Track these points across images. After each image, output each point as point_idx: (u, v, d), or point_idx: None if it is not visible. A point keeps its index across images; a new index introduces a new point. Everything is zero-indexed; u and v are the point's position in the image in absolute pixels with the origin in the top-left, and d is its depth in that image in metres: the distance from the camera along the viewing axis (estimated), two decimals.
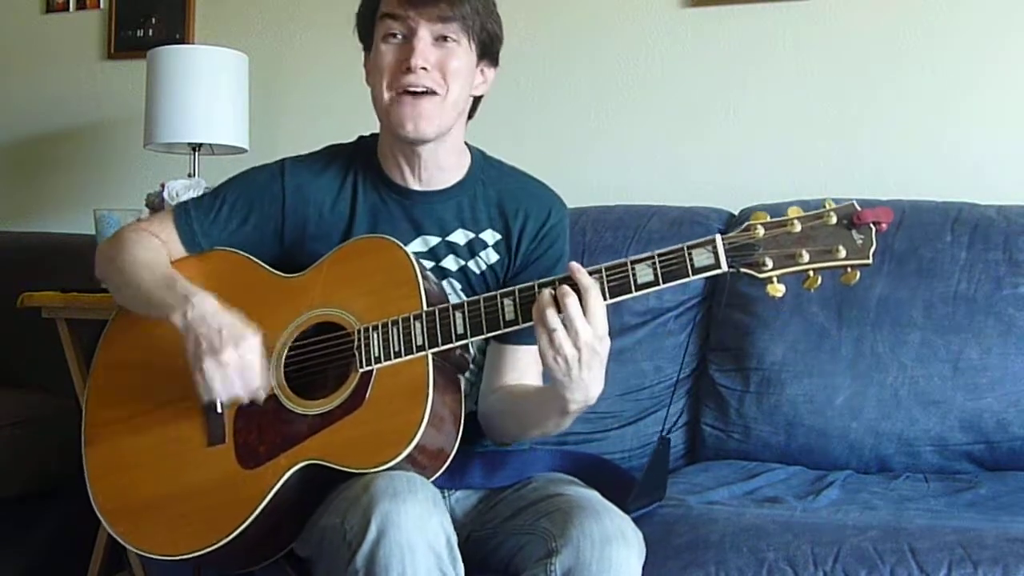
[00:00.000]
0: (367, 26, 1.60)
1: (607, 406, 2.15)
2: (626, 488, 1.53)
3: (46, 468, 2.53)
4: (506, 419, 1.57)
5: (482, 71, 1.62)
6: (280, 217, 1.62)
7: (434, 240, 1.61)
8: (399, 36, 1.53)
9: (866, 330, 2.05)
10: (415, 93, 1.52)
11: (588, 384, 1.36)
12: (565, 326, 1.32)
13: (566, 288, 1.34)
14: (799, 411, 2.05)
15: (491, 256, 1.63)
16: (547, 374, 1.38)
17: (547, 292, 1.35)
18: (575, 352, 1.32)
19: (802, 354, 2.07)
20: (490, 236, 1.64)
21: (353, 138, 1.71)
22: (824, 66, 2.50)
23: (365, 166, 1.65)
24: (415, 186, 1.63)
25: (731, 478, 1.92)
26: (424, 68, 1.51)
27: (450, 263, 1.62)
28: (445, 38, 1.53)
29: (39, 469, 2.52)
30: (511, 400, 1.57)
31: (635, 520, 1.42)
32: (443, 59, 1.53)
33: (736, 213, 2.29)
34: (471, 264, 1.63)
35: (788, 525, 1.56)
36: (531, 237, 1.64)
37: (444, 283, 1.60)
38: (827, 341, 2.06)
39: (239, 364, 1.41)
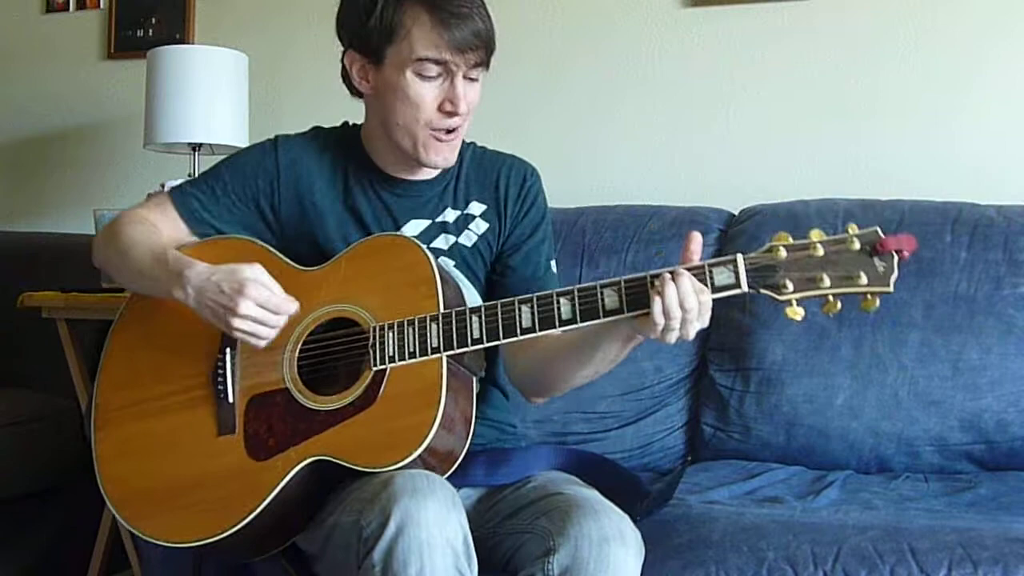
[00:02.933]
0: (381, 42, 1.54)
1: (607, 406, 2.16)
2: (628, 486, 1.54)
3: (46, 468, 2.53)
4: (559, 363, 1.54)
5: None
6: (276, 191, 1.63)
7: (424, 223, 1.64)
8: (435, 75, 1.52)
9: (866, 330, 2.05)
10: (450, 130, 1.55)
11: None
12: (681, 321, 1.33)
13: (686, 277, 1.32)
14: (799, 411, 2.05)
15: (480, 226, 1.66)
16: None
17: (680, 279, 1.32)
18: (677, 332, 1.34)
19: (802, 354, 2.07)
20: (476, 208, 1.66)
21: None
22: (824, 66, 2.50)
23: (354, 154, 1.66)
24: (406, 176, 1.65)
25: (731, 478, 1.92)
26: (465, 107, 1.54)
27: (441, 243, 1.64)
28: (476, 68, 1.55)
29: (39, 469, 2.52)
30: (559, 342, 1.54)
31: (635, 518, 1.42)
32: (471, 95, 1.55)
33: (736, 213, 2.29)
34: (462, 239, 1.65)
35: (788, 525, 1.56)
36: (515, 198, 1.68)
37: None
38: (827, 341, 2.06)
39: (255, 306, 1.41)
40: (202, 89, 2.59)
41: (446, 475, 1.43)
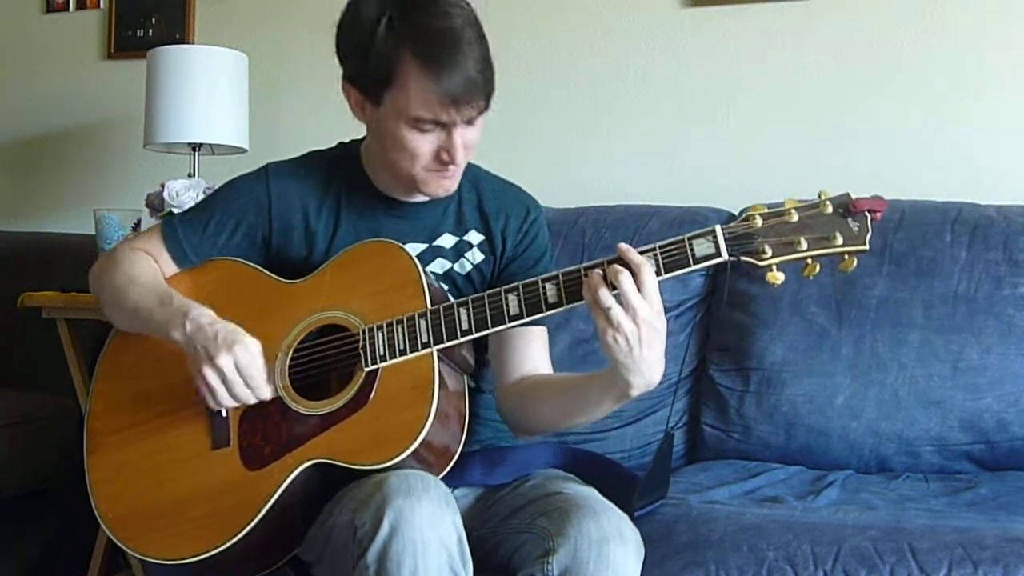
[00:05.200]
0: (378, 86, 1.49)
1: None
2: (626, 485, 1.53)
3: (46, 468, 2.53)
4: (545, 410, 1.55)
5: None
6: (267, 223, 1.62)
7: (420, 247, 1.62)
8: (430, 129, 1.48)
9: (866, 330, 2.05)
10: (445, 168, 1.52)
11: (651, 364, 1.34)
12: (621, 304, 1.32)
13: (617, 267, 1.34)
14: (799, 411, 2.05)
15: (476, 256, 1.65)
16: (608, 358, 1.36)
17: (596, 272, 1.35)
18: (635, 328, 1.32)
19: (802, 354, 2.07)
20: (475, 237, 1.65)
21: (346, 140, 1.71)
22: (823, 66, 2.50)
23: (349, 174, 1.64)
24: (403, 197, 1.63)
25: (731, 478, 1.92)
26: (461, 157, 1.51)
27: (436, 267, 1.63)
28: (476, 117, 1.50)
29: (39, 469, 2.53)
30: (551, 388, 1.56)
31: (635, 519, 1.42)
32: (471, 134, 1.51)
33: (736, 213, 2.28)
34: (456, 266, 1.64)
35: (788, 525, 1.56)
36: (514, 233, 1.66)
37: None
38: (827, 341, 2.06)
39: (236, 367, 1.41)
40: (202, 89, 2.59)
41: (443, 473, 1.43)
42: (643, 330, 1.32)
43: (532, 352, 1.61)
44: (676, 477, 1.92)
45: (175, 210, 2.27)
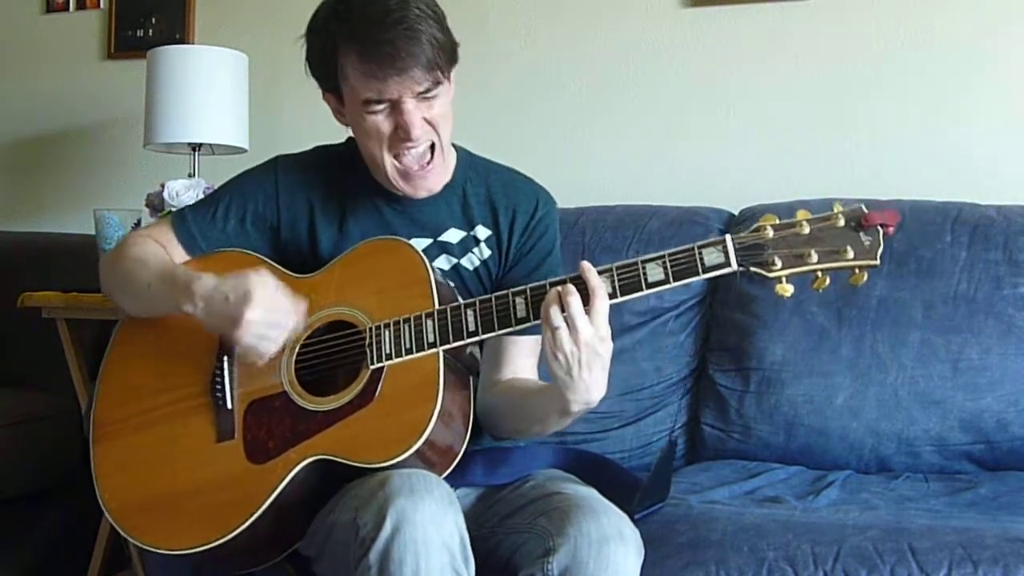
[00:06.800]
0: (333, 81, 1.54)
1: (607, 406, 2.14)
2: (626, 486, 1.54)
3: (46, 468, 2.53)
4: (505, 416, 1.58)
5: (450, 78, 1.57)
6: (275, 214, 1.64)
7: (425, 242, 1.62)
8: (383, 105, 1.50)
9: (866, 330, 2.05)
10: (420, 161, 1.54)
11: (589, 385, 1.37)
12: (568, 324, 1.34)
13: (570, 287, 1.36)
14: (799, 411, 2.05)
15: (484, 252, 1.65)
16: (549, 373, 1.39)
17: (555, 290, 1.37)
18: (575, 350, 1.34)
19: (802, 354, 2.07)
20: (482, 232, 1.65)
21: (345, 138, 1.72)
22: (823, 66, 2.50)
23: (354, 170, 1.65)
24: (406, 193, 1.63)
25: (731, 478, 1.93)
26: (419, 131, 1.51)
27: (442, 263, 1.63)
28: (427, 93, 1.50)
29: (39, 469, 2.53)
30: (511, 396, 1.58)
31: (633, 514, 1.42)
32: (431, 110, 1.51)
33: (736, 213, 2.29)
34: (464, 261, 1.64)
35: (788, 525, 1.56)
36: (521, 230, 1.66)
37: None
38: (827, 341, 2.06)
39: (261, 315, 1.41)
40: (202, 89, 2.59)
41: (446, 472, 1.43)
42: (583, 353, 1.34)
43: (517, 359, 1.62)
44: (676, 477, 1.91)
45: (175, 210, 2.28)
